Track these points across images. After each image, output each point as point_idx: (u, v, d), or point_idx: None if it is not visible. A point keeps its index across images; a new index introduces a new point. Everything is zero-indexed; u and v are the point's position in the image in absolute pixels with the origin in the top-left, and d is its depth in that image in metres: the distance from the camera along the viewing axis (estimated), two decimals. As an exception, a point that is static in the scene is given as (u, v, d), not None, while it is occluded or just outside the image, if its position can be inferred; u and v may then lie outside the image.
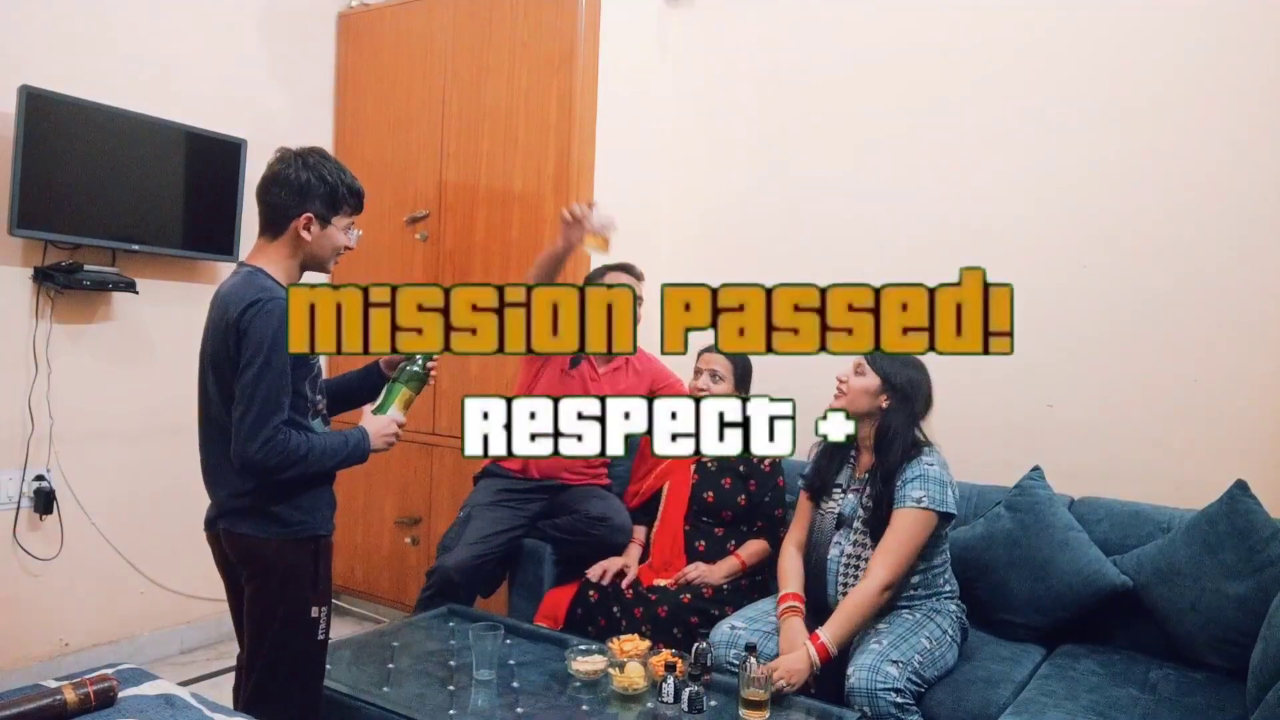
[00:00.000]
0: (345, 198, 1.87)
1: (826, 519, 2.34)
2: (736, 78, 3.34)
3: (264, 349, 1.73)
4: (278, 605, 1.84)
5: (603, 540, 2.68)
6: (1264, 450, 2.44)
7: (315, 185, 1.83)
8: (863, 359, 2.31)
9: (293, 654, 1.85)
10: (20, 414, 2.81)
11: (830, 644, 2.10)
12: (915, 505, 2.17)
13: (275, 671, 1.85)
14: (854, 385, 2.30)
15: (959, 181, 2.88)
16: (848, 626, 2.12)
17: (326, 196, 1.84)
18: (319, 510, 1.89)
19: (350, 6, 3.69)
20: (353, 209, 1.91)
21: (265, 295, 1.76)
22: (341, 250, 1.93)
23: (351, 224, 1.93)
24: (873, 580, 2.14)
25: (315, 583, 1.87)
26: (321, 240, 1.87)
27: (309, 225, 1.85)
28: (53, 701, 1.52)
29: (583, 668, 2.08)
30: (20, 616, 2.83)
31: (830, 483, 2.37)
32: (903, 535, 2.16)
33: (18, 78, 2.66)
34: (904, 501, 2.18)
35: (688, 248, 3.44)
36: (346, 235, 1.92)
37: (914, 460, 2.22)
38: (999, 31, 2.82)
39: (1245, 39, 2.48)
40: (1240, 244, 2.49)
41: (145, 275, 3.05)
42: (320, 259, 1.91)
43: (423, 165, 3.44)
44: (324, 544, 1.91)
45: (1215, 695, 2.06)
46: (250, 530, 1.83)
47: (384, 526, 3.55)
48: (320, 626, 1.89)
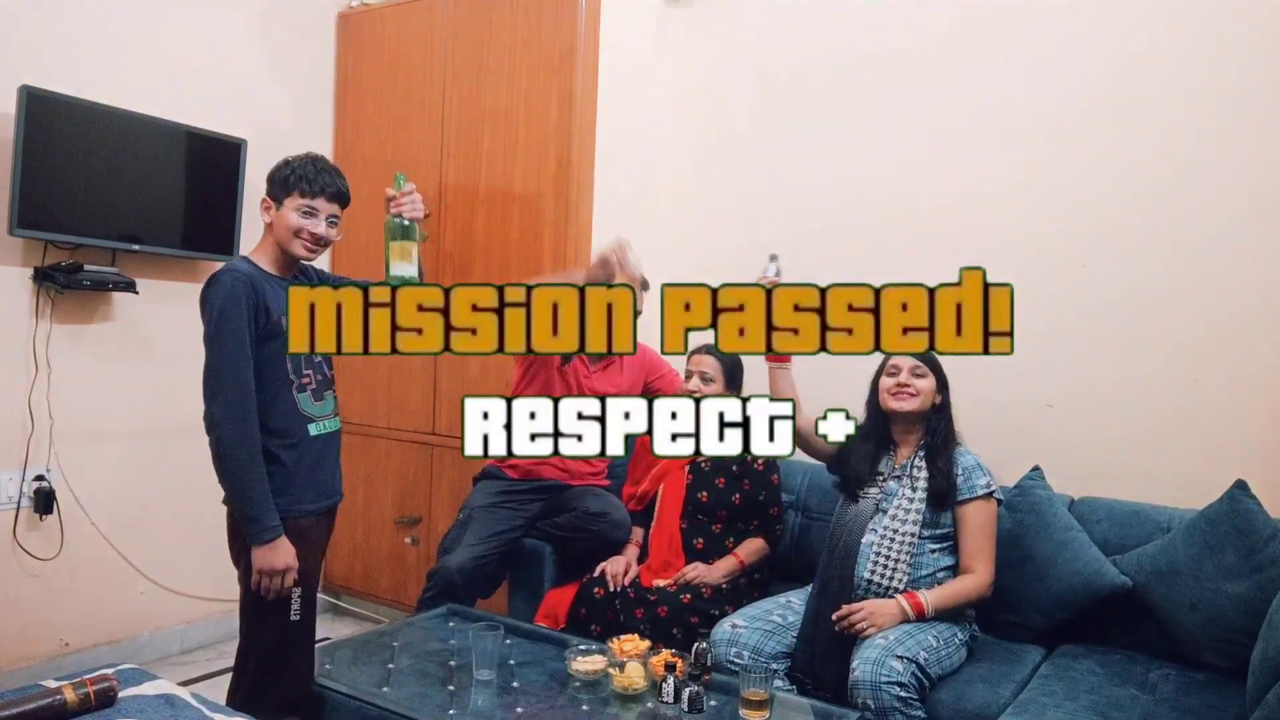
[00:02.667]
0: (294, 181, 1.99)
1: (865, 504, 2.36)
2: (736, 77, 3.34)
3: (213, 311, 1.90)
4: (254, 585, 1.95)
5: (602, 536, 2.68)
6: (1264, 450, 2.44)
7: (274, 172, 2.02)
8: (918, 361, 2.37)
9: (267, 633, 1.96)
10: (20, 414, 2.81)
11: (929, 606, 2.18)
12: (986, 492, 2.29)
13: (250, 651, 1.97)
14: (921, 387, 2.36)
15: (959, 181, 2.88)
16: (949, 603, 2.21)
17: (280, 179, 2.00)
18: (290, 491, 1.98)
19: (350, 6, 3.69)
20: (302, 192, 1.99)
21: (223, 270, 1.95)
22: (301, 231, 1.99)
23: (310, 209, 1.99)
24: (983, 576, 2.26)
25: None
26: (278, 220, 2.01)
27: (268, 208, 2.02)
28: (53, 701, 1.52)
29: (583, 668, 2.08)
30: (20, 616, 2.83)
31: (869, 473, 2.39)
32: (989, 529, 2.30)
33: (18, 78, 2.66)
34: (974, 490, 2.28)
35: (688, 247, 3.44)
36: (306, 219, 1.99)
37: (959, 451, 2.35)
38: (999, 31, 2.82)
39: (1245, 39, 2.48)
40: (1240, 244, 2.48)
41: (145, 275, 3.05)
42: (281, 240, 2.01)
43: (423, 165, 3.44)
44: (293, 526, 1.97)
45: (1215, 695, 2.06)
46: (233, 511, 1.98)
47: (384, 526, 3.55)
48: (294, 607, 1.97)
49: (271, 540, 1.91)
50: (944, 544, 2.30)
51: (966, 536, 2.27)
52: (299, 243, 2.00)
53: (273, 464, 1.95)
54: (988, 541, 2.28)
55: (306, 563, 1.99)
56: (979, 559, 2.26)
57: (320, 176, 2.00)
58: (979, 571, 2.25)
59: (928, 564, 2.27)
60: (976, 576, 2.25)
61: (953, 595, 2.22)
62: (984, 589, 2.25)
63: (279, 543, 1.92)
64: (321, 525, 2.09)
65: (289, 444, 1.98)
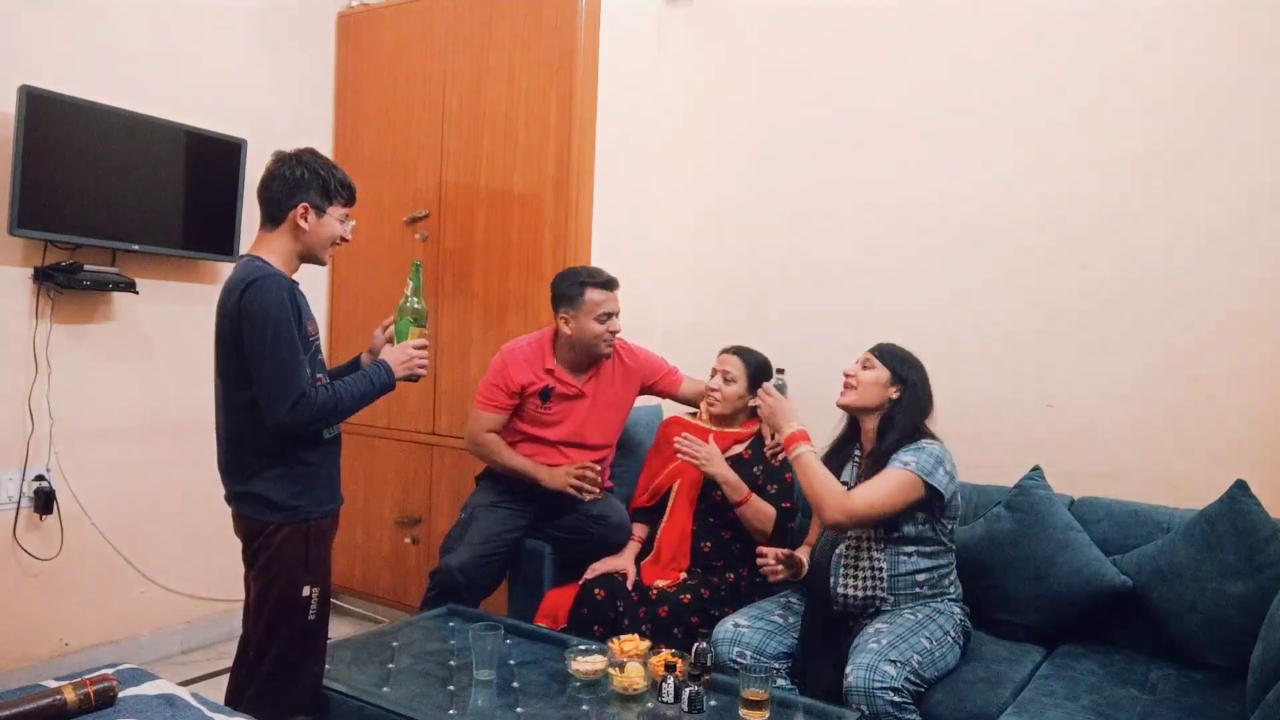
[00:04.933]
0: (337, 190, 2.02)
1: None
2: (736, 77, 3.34)
3: (270, 320, 1.86)
4: (272, 585, 1.95)
5: (602, 538, 2.68)
6: (1264, 450, 2.44)
7: (309, 178, 1.98)
8: (869, 354, 2.34)
9: (284, 634, 1.96)
10: (20, 414, 2.81)
11: (804, 450, 2.19)
12: (901, 467, 2.19)
13: (267, 650, 1.96)
14: (864, 379, 2.32)
15: (959, 180, 2.88)
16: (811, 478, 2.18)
17: (320, 187, 1.99)
18: (311, 493, 1.98)
19: (350, 6, 3.69)
20: (345, 201, 2.05)
21: (260, 274, 1.90)
22: (338, 240, 2.06)
23: (346, 215, 2.06)
24: (845, 500, 2.15)
25: (307, 563, 1.97)
26: (319, 229, 2.01)
27: (306, 214, 1.99)
28: (53, 701, 1.52)
29: (583, 668, 2.08)
30: (20, 616, 2.83)
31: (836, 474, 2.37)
32: (881, 483, 2.18)
33: (18, 78, 2.66)
34: (893, 461, 2.21)
35: (687, 247, 3.44)
36: (342, 226, 2.06)
37: (918, 441, 2.25)
38: (1000, 30, 2.82)
39: (1245, 38, 2.48)
40: (1240, 243, 2.48)
41: (145, 275, 3.05)
42: (316, 248, 2.04)
43: (423, 165, 3.44)
44: (315, 526, 1.99)
45: (1215, 695, 2.06)
46: (249, 512, 1.97)
47: (384, 526, 3.55)
48: (311, 607, 1.97)
49: (389, 374, 2.07)
50: (918, 546, 2.27)
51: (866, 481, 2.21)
52: (331, 250, 2.07)
53: (298, 465, 1.96)
54: (876, 487, 2.16)
55: (323, 564, 2.01)
56: (860, 492, 2.17)
57: (351, 182, 2.07)
58: (851, 496, 2.16)
59: (904, 566, 2.25)
60: (841, 499, 2.15)
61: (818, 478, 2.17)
62: (835, 511, 2.14)
63: (394, 364, 2.08)
64: (334, 526, 2.12)
65: (311, 445, 2.00)
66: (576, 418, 2.76)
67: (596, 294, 2.67)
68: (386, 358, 2.10)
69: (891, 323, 2.83)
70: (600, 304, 2.66)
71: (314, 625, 1.99)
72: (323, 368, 2.05)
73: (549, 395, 2.74)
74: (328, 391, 1.95)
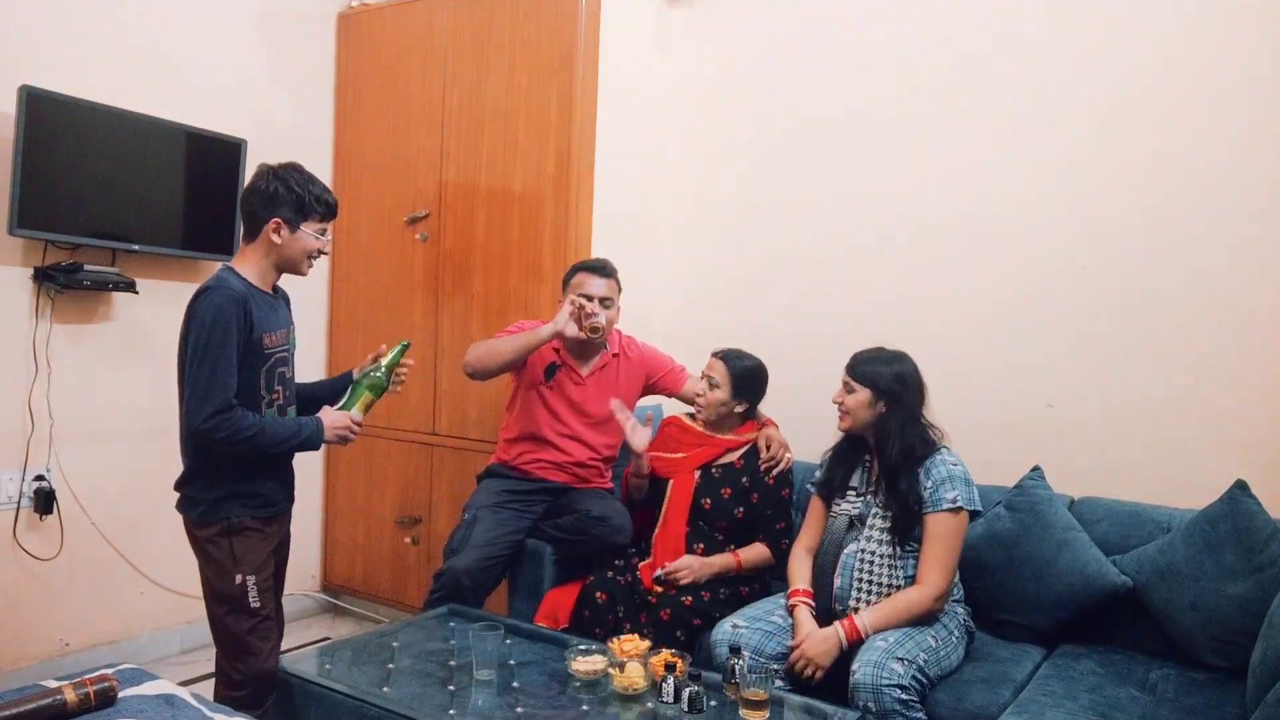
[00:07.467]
0: (313, 206, 2.08)
1: (839, 520, 2.34)
2: (736, 77, 3.34)
3: (206, 326, 1.94)
4: (210, 580, 2.08)
5: (602, 540, 2.67)
6: (1264, 450, 2.44)
7: (283, 194, 2.04)
8: (846, 376, 2.33)
9: (228, 622, 2.06)
10: (20, 414, 2.81)
11: (865, 628, 2.13)
12: (951, 507, 2.18)
13: (220, 638, 2.09)
14: (850, 403, 2.31)
15: (959, 180, 2.88)
16: (891, 621, 2.14)
17: (294, 203, 2.05)
18: (232, 499, 2.06)
19: (350, 6, 3.69)
20: (322, 216, 2.11)
21: (215, 284, 1.99)
22: (314, 254, 2.12)
23: (324, 230, 2.12)
24: (929, 588, 2.17)
25: (234, 556, 2.06)
26: (291, 244, 2.07)
27: (278, 229, 2.05)
28: (53, 701, 1.53)
29: (583, 668, 2.08)
30: (20, 616, 2.83)
31: (844, 484, 2.38)
32: (949, 541, 2.20)
33: (18, 78, 2.66)
34: (939, 505, 2.19)
35: (688, 247, 3.44)
36: (318, 241, 2.11)
37: (935, 460, 2.23)
38: (1000, 30, 2.82)
39: (1245, 38, 2.48)
40: (1240, 244, 2.48)
41: (145, 275, 3.05)
42: (291, 260, 2.10)
43: (423, 165, 3.44)
44: (235, 525, 2.06)
45: (1215, 695, 2.06)
46: (181, 510, 2.10)
47: (384, 526, 3.55)
48: (250, 594, 2.05)
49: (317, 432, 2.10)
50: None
51: (926, 544, 2.20)
52: (309, 263, 2.12)
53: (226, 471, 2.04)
54: (945, 553, 2.18)
55: (255, 555, 2.08)
56: (933, 569, 2.17)
57: (329, 198, 2.11)
58: (929, 582, 2.17)
59: (914, 569, 2.24)
60: (923, 589, 2.16)
61: (893, 612, 2.15)
62: (929, 602, 2.16)
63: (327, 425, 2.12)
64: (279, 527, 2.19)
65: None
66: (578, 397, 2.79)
67: (579, 276, 2.73)
68: (324, 418, 2.14)
69: (891, 321, 2.83)
70: (578, 285, 2.70)
71: (257, 609, 2.07)
72: (285, 380, 2.12)
73: (554, 372, 2.77)
74: (255, 418, 2.00)
